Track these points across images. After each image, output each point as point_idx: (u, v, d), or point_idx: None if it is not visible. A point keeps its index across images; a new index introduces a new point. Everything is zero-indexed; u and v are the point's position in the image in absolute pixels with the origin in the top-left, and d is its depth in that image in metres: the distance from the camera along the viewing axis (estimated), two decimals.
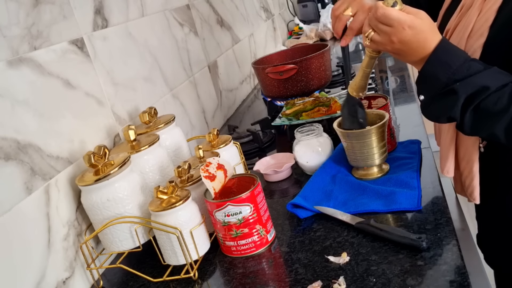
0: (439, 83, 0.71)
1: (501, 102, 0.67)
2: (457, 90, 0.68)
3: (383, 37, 0.74)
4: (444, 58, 0.70)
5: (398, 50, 0.74)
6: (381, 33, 0.74)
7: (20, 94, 0.79)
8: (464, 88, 0.68)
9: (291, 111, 1.35)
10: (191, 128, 1.42)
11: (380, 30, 0.73)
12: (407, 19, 0.71)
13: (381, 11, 0.72)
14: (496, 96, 0.67)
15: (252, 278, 0.77)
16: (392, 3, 0.72)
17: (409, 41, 0.71)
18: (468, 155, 0.85)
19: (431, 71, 0.72)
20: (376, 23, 0.74)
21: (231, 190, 0.88)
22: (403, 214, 0.83)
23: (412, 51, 0.72)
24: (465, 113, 0.70)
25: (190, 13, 1.56)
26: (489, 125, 0.69)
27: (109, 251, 0.88)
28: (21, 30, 0.81)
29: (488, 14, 0.72)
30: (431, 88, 0.72)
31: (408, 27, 0.70)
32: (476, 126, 0.71)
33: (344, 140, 0.97)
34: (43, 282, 0.77)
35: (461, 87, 0.68)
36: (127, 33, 1.16)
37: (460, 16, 0.79)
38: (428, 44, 0.71)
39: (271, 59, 1.67)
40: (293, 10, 3.35)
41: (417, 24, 0.71)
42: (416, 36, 0.71)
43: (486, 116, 0.69)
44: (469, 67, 0.69)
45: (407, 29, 0.71)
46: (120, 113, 1.07)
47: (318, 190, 0.96)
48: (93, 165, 0.83)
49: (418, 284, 0.65)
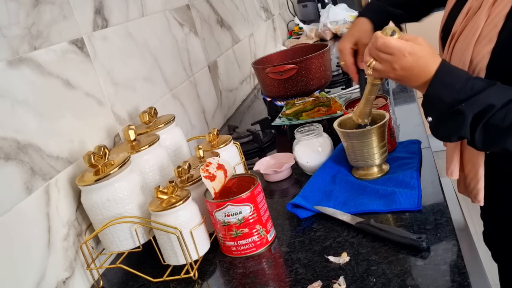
0: (445, 105, 0.71)
1: (508, 118, 0.67)
2: (463, 110, 0.69)
3: (385, 66, 0.75)
4: (447, 80, 0.71)
5: (401, 76, 0.75)
6: (382, 61, 0.75)
7: (20, 94, 0.79)
8: (470, 107, 0.69)
9: (291, 111, 1.35)
10: (191, 128, 1.42)
11: (382, 59, 0.75)
12: (406, 46, 0.72)
13: (381, 40, 0.74)
14: (503, 112, 0.68)
15: (252, 278, 0.77)
16: (390, 32, 0.74)
17: (410, 67, 0.73)
18: (473, 158, 0.85)
19: (435, 93, 0.72)
20: (376, 53, 0.75)
21: (231, 190, 0.88)
22: (403, 214, 0.83)
23: (414, 76, 0.74)
24: (475, 132, 0.70)
25: (190, 13, 1.56)
26: (500, 141, 0.70)
27: (109, 251, 0.88)
28: (21, 30, 0.81)
29: (497, 19, 0.72)
30: (437, 110, 0.73)
31: (409, 54, 0.72)
32: (488, 143, 0.71)
33: (344, 140, 0.97)
34: (43, 282, 0.77)
35: (467, 107, 0.69)
36: (127, 33, 1.16)
37: (467, 19, 0.79)
38: (429, 68, 0.72)
39: (271, 59, 1.67)
40: (293, 10, 3.35)
41: (416, 50, 0.72)
42: (417, 61, 0.72)
43: (496, 133, 0.69)
44: (472, 86, 0.70)
45: (408, 56, 0.72)
46: (120, 113, 1.07)
47: (318, 190, 0.96)
48: (93, 165, 0.83)
49: (418, 284, 0.65)
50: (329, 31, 2.75)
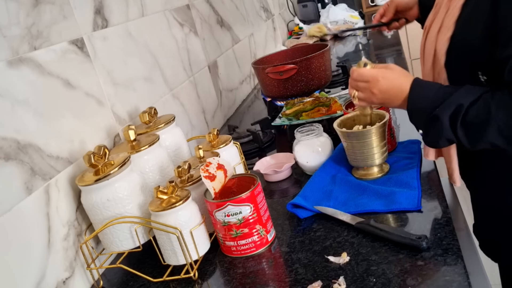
0: (424, 114, 0.78)
1: (480, 113, 0.72)
2: (438, 114, 0.75)
3: (365, 93, 0.86)
4: (420, 93, 0.80)
5: (382, 99, 0.84)
6: (362, 89, 0.86)
7: (20, 94, 0.79)
8: (444, 110, 0.75)
9: (291, 111, 1.35)
10: (191, 128, 1.42)
11: (360, 87, 0.86)
12: (378, 72, 0.84)
13: (356, 72, 0.86)
14: (474, 109, 0.73)
15: (252, 278, 0.77)
16: (363, 64, 0.86)
17: (386, 89, 0.83)
18: None
19: (414, 107, 0.80)
20: (355, 84, 0.87)
21: (231, 190, 0.88)
22: (403, 214, 0.83)
23: (393, 97, 0.83)
24: (456, 132, 0.75)
25: (190, 13, 1.56)
26: (482, 135, 0.73)
27: (109, 251, 0.88)
28: (21, 30, 0.81)
29: (454, 11, 0.81)
30: (420, 121, 0.80)
31: (382, 78, 0.83)
32: (472, 140, 0.75)
33: (344, 140, 0.97)
34: (43, 282, 0.77)
35: (441, 111, 0.75)
36: (127, 33, 1.16)
37: (434, 14, 0.88)
38: (404, 86, 0.81)
39: (271, 59, 1.67)
40: (293, 10, 3.35)
41: (387, 74, 0.83)
42: (391, 83, 0.82)
43: (475, 129, 0.74)
44: (444, 92, 0.77)
45: (381, 80, 0.83)
46: (120, 113, 1.07)
47: (318, 190, 0.96)
48: (93, 165, 0.83)
49: (418, 284, 0.65)
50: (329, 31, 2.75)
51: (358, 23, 2.76)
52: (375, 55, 2.17)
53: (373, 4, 3.77)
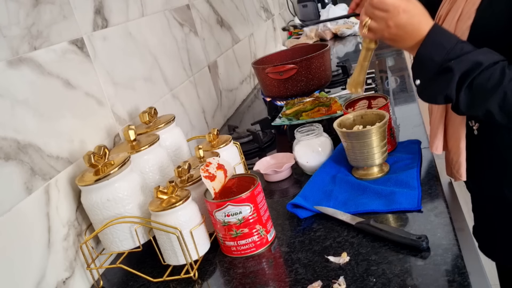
0: (435, 64, 0.74)
1: (493, 77, 0.70)
2: (453, 67, 0.72)
3: (379, 23, 0.78)
4: (438, 40, 0.74)
5: (394, 35, 0.78)
6: (377, 19, 0.78)
7: (20, 94, 0.79)
8: (459, 65, 0.71)
9: (291, 111, 1.35)
10: (191, 128, 1.42)
11: (377, 16, 0.78)
12: (401, 3, 0.75)
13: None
14: (488, 72, 0.70)
15: (252, 278, 0.77)
16: None
17: (404, 24, 0.76)
18: (456, 133, 0.88)
19: (426, 53, 0.75)
20: (372, 10, 0.78)
21: (231, 190, 0.88)
22: (403, 214, 0.83)
23: (407, 35, 0.76)
24: (460, 91, 0.72)
25: (190, 13, 1.56)
26: (483, 101, 0.72)
27: (109, 251, 0.88)
28: (21, 30, 0.81)
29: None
30: (427, 70, 0.76)
31: (403, 11, 0.75)
32: (471, 104, 0.73)
33: (344, 140, 0.97)
34: (43, 282, 0.77)
35: (456, 64, 0.71)
36: (127, 33, 1.16)
37: (451, 3, 0.84)
38: (422, 27, 0.75)
39: (271, 59, 1.67)
40: (293, 10, 3.35)
41: (411, 8, 0.75)
42: (410, 19, 0.75)
43: (480, 93, 0.71)
44: (462, 47, 0.73)
45: (402, 13, 0.75)
46: (120, 113, 1.07)
47: (318, 190, 0.96)
48: (93, 165, 0.83)
49: (418, 284, 0.65)
50: (329, 31, 2.76)
51: (358, 23, 2.75)
52: (375, 55, 2.17)
53: None
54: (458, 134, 0.88)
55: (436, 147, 0.92)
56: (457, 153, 0.89)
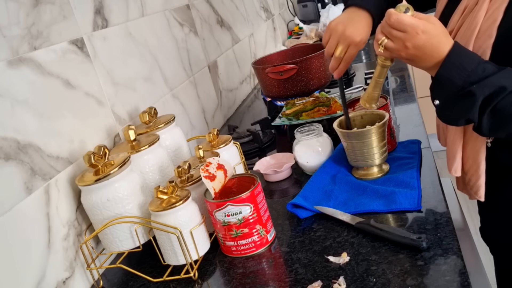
0: (455, 87, 0.71)
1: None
2: (475, 92, 0.69)
3: (397, 43, 0.74)
4: (459, 61, 0.71)
5: (413, 56, 0.74)
6: (395, 39, 0.74)
7: (20, 94, 0.79)
8: (481, 89, 0.68)
9: (291, 111, 1.35)
10: (191, 128, 1.42)
11: (394, 36, 0.73)
12: (420, 24, 0.71)
13: (395, 17, 0.72)
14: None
15: (252, 278, 0.77)
16: (404, 10, 0.73)
17: (423, 45, 0.72)
18: (474, 154, 0.84)
19: (446, 75, 0.72)
20: (389, 30, 0.74)
21: (231, 190, 0.88)
22: (403, 214, 0.83)
23: (426, 56, 0.73)
24: (483, 115, 0.70)
25: (190, 13, 1.56)
26: (507, 125, 0.70)
27: (109, 251, 0.88)
28: (21, 30, 0.81)
29: (496, 14, 0.72)
30: (447, 92, 0.72)
31: (422, 32, 0.71)
32: (495, 127, 0.71)
33: (344, 140, 0.97)
34: (43, 282, 0.77)
35: (478, 89, 0.68)
36: (127, 33, 1.16)
37: (463, 17, 0.79)
38: (442, 48, 0.72)
39: (271, 59, 1.67)
40: (293, 10, 3.35)
41: (430, 28, 0.71)
42: (429, 40, 0.71)
43: (504, 117, 0.69)
44: (483, 69, 0.69)
45: (421, 34, 0.71)
46: (120, 113, 1.07)
47: (318, 190, 0.96)
48: (93, 165, 0.83)
49: (418, 284, 0.65)
50: None
51: None
52: (375, 55, 2.17)
53: None
54: (477, 156, 0.84)
55: (455, 169, 0.87)
56: (476, 175, 0.85)
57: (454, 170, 0.87)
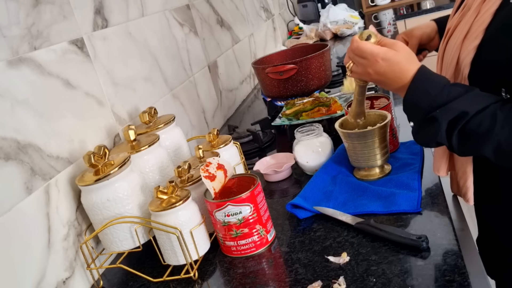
0: (421, 111, 0.71)
1: (484, 124, 0.66)
2: (437, 117, 0.69)
3: (360, 68, 0.77)
4: (423, 87, 0.72)
5: (377, 80, 0.76)
6: (358, 64, 0.77)
7: (20, 94, 0.79)
8: (444, 114, 0.68)
9: (291, 111, 1.35)
10: (191, 128, 1.42)
11: (357, 62, 0.77)
12: (380, 51, 0.73)
13: (355, 44, 0.75)
14: (478, 119, 0.67)
15: (252, 278, 0.77)
16: (366, 36, 0.75)
17: (384, 72, 0.74)
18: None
19: (411, 100, 0.73)
20: (353, 56, 0.77)
21: (231, 190, 0.88)
22: (403, 214, 0.83)
23: (390, 81, 0.74)
24: (451, 137, 0.70)
25: (190, 13, 1.56)
26: (476, 146, 0.69)
27: (109, 251, 0.88)
28: (21, 30, 0.81)
29: (485, 16, 0.72)
30: (415, 115, 0.74)
31: (382, 60, 0.73)
32: (464, 149, 0.71)
33: (345, 140, 0.97)
34: (43, 282, 0.77)
35: (441, 114, 0.69)
36: (127, 33, 1.16)
37: (461, 16, 0.80)
38: (405, 74, 0.73)
39: (271, 59, 1.67)
40: (293, 10, 3.35)
41: (390, 56, 0.73)
42: (390, 67, 0.73)
43: (472, 139, 0.69)
44: (448, 92, 0.69)
45: (381, 62, 0.73)
46: (120, 113, 1.07)
47: (318, 191, 0.96)
48: (93, 165, 0.83)
49: (418, 284, 0.65)
50: (329, 31, 2.76)
51: (358, 23, 2.76)
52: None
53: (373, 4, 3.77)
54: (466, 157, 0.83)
55: (438, 168, 0.87)
56: (464, 177, 0.85)
57: (437, 169, 0.88)
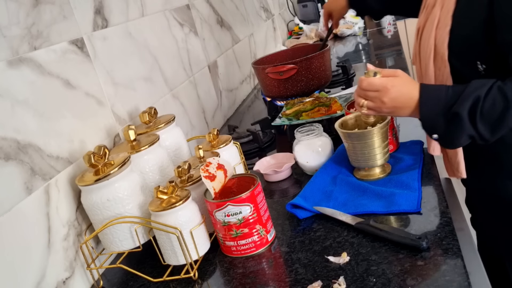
0: (440, 116, 0.78)
1: (498, 101, 0.74)
2: (457, 111, 0.75)
3: (375, 102, 0.84)
4: (431, 95, 0.80)
5: (392, 107, 0.83)
6: (372, 99, 0.84)
7: (20, 94, 0.79)
8: (461, 105, 0.75)
9: (291, 111, 1.35)
10: (191, 128, 1.42)
11: (370, 97, 0.84)
12: (387, 81, 0.83)
13: (366, 82, 0.84)
14: (489, 99, 0.74)
15: (252, 278, 0.77)
16: (372, 74, 0.84)
17: (396, 96, 0.82)
18: None
19: (428, 110, 0.80)
20: (364, 93, 0.85)
21: (231, 190, 0.88)
22: (403, 214, 0.83)
23: (403, 104, 0.82)
24: (477, 126, 0.75)
25: (190, 13, 1.56)
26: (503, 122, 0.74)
27: (109, 251, 0.88)
28: (21, 30, 0.81)
29: (449, 5, 0.84)
30: (437, 122, 0.79)
31: (391, 86, 0.82)
32: (493, 129, 0.76)
33: (345, 140, 0.97)
34: (43, 282, 0.77)
35: (459, 107, 0.75)
36: (127, 33, 1.16)
37: (426, 14, 0.90)
38: (412, 92, 0.81)
39: (271, 59, 1.67)
40: (293, 10, 3.35)
41: (396, 81, 0.82)
42: (400, 91, 0.82)
43: (494, 117, 0.74)
44: (454, 90, 0.78)
45: (391, 88, 0.82)
46: (120, 113, 1.07)
47: (318, 191, 0.96)
48: (93, 165, 0.83)
49: (418, 284, 0.65)
50: None
51: (358, 23, 2.76)
52: (375, 55, 2.17)
53: None
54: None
55: (433, 148, 0.96)
56: (454, 153, 0.93)
57: (432, 149, 0.96)
